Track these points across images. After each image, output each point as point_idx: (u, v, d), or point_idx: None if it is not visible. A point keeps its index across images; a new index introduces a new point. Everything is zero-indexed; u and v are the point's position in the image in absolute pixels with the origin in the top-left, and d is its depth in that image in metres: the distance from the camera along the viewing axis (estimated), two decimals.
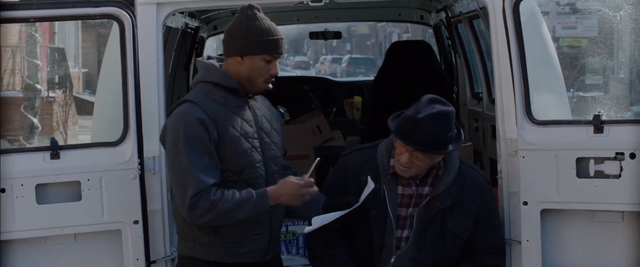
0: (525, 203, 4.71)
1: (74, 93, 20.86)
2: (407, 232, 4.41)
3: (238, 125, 4.11)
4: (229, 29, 4.15)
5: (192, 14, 6.82)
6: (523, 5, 4.70)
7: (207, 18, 7.80)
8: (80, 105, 20.23)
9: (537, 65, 4.82)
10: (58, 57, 20.17)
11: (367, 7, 8.29)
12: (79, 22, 21.79)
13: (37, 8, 4.68)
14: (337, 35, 10.31)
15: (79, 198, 4.66)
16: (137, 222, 4.68)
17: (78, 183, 4.66)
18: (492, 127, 6.28)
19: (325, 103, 9.31)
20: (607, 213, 4.66)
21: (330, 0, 4.91)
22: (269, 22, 4.14)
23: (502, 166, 4.78)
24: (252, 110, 4.21)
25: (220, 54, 4.28)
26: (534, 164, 4.69)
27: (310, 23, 9.44)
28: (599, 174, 4.62)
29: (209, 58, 4.25)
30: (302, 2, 4.91)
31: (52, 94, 18.38)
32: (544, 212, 4.73)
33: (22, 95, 16.66)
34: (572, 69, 20.33)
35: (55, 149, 4.67)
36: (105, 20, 4.85)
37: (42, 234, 4.67)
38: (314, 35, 10.16)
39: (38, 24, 16.72)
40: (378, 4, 8.11)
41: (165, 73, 5.11)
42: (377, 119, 6.84)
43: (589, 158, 4.63)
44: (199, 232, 4.14)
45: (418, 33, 37.31)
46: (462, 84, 7.69)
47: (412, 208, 4.41)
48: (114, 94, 4.76)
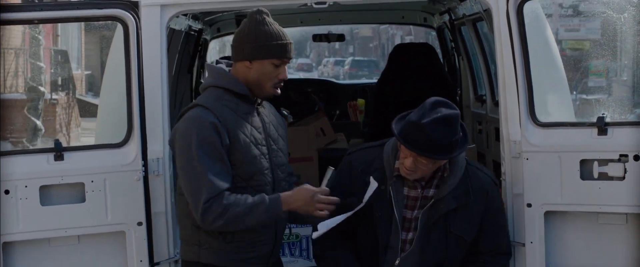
0: (529, 205, 4.71)
1: (77, 95, 20.89)
2: (412, 234, 4.39)
3: (248, 132, 4.09)
4: (238, 34, 4.14)
5: (195, 17, 6.82)
6: (527, 7, 4.70)
7: (210, 21, 7.81)
8: (83, 108, 20.23)
9: (540, 67, 4.81)
10: (61, 59, 20.18)
11: (370, 9, 8.28)
12: (82, 24, 21.86)
13: (40, 10, 4.69)
14: (340, 38, 10.29)
15: (83, 200, 4.67)
16: (140, 223, 4.69)
17: (82, 185, 4.66)
18: (495, 129, 6.28)
19: (329, 106, 9.32)
20: (611, 215, 4.65)
21: (334, 2, 4.91)
22: (278, 26, 4.13)
23: (505, 168, 4.77)
24: (260, 117, 4.20)
25: (227, 57, 4.27)
26: (538, 166, 4.69)
27: (314, 25, 9.44)
28: (603, 176, 4.61)
29: (218, 62, 4.24)
30: (306, 4, 4.91)
31: (55, 96, 18.39)
32: (548, 214, 4.72)
33: (25, 98, 16.69)
34: (575, 72, 20.30)
35: (59, 151, 4.67)
36: (109, 22, 4.87)
37: (46, 236, 4.68)
38: (317, 38, 10.15)
39: (41, 26, 16.74)
40: (381, 7, 8.11)
41: (169, 75, 5.11)
42: (380, 122, 6.83)
43: (593, 160, 4.63)
44: (207, 237, 4.12)
45: (421, 36, 37.27)
46: (465, 87, 7.70)
47: (417, 210, 4.38)
48: (118, 96, 4.77)
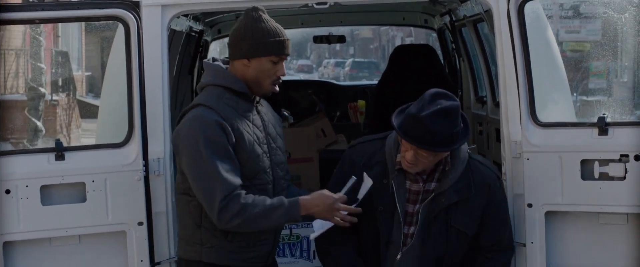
0: (530, 205, 4.71)
1: (78, 96, 20.91)
2: (413, 228, 4.37)
3: (251, 130, 4.08)
4: (235, 32, 4.12)
5: (196, 18, 6.83)
6: (528, 8, 4.70)
7: (211, 22, 7.81)
8: (84, 109, 20.25)
9: (541, 67, 4.82)
10: (62, 60, 20.20)
11: (371, 10, 8.29)
12: (83, 25, 21.89)
13: (42, 9, 4.69)
14: (341, 39, 10.29)
15: (84, 199, 4.67)
16: (141, 223, 4.68)
17: (83, 184, 4.66)
18: (496, 130, 6.28)
19: (329, 107, 9.32)
20: (611, 215, 4.65)
21: (335, 3, 4.91)
22: (275, 23, 4.12)
23: (506, 168, 4.77)
24: (260, 115, 4.19)
25: (226, 57, 4.24)
26: (539, 166, 4.69)
27: (314, 27, 9.44)
28: (604, 176, 4.61)
29: (214, 60, 4.21)
30: (307, 4, 4.91)
31: (55, 97, 18.40)
32: (549, 214, 4.72)
33: (25, 99, 16.70)
34: (575, 73, 20.32)
35: (60, 151, 4.67)
36: (110, 23, 4.87)
37: (46, 235, 4.68)
38: (318, 39, 10.16)
39: (42, 27, 16.75)
40: (382, 8, 8.11)
41: (170, 76, 5.12)
42: (380, 123, 6.83)
43: (594, 160, 4.63)
44: (209, 236, 4.10)
45: (422, 37, 37.27)
46: (466, 88, 7.70)
47: (419, 204, 4.36)
48: (119, 96, 4.77)
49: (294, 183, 6.70)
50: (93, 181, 4.66)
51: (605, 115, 4.64)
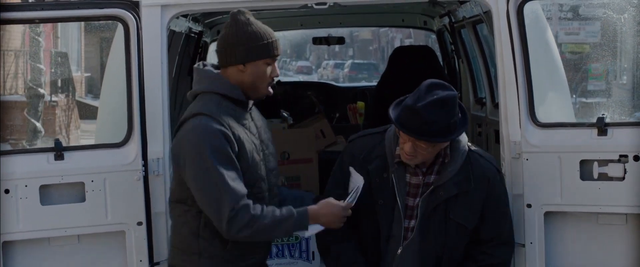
0: (529, 206, 4.71)
1: (77, 97, 20.90)
2: (414, 222, 4.35)
3: (249, 139, 4.05)
4: (226, 38, 4.04)
5: (196, 19, 6.83)
6: (527, 8, 4.70)
7: (210, 23, 7.82)
8: (83, 110, 20.25)
9: (540, 68, 4.82)
10: (61, 61, 20.20)
11: (370, 12, 8.29)
12: (82, 26, 21.88)
13: (41, 9, 4.70)
14: (340, 41, 10.31)
15: (83, 199, 4.67)
16: (140, 223, 4.69)
17: (82, 184, 4.67)
18: (495, 132, 6.28)
19: (328, 108, 9.32)
20: (610, 216, 4.65)
21: (334, 3, 4.91)
22: (262, 24, 4.07)
23: (505, 168, 4.76)
24: (253, 122, 4.14)
25: (213, 64, 4.16)
26: (538, 167, 4.69)
27: (314, 28, 9.45)
28: (603, 177, 4.62)
29: (204, 65, 4.14)
30: (306, 5, 4.91)
31: (55, 98, 18.40)
32: (548, 214, 4.73)
33: (25, 99, 16.71)
34: (575, 75, 20.32)
35: (60, 150, 4.68)
36: (110, 23, 4.88)
37: (45, 235, 4.68)
38: (317, 41, 10.17)
39: (41, 28, 16.75)
40: (381, 9, 8.12)
41: (169, 76, 5.12)
42: (380, 124, 6.82)
43: (593, 160, 4.63)
44: (207, 245, 4.04)
45: (421, 38, 37.27)
46: (465, 89, 7.70)
47: (419, 198, 4.34)
48: (118, 95, 4.78)
49: (294, 184, 6.74)
50: (92, 180, 4.66)
51: (605, 116, 4.64)
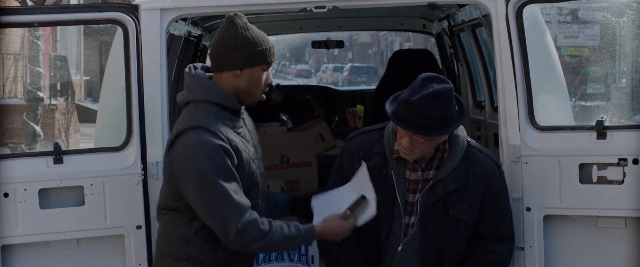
0: (528, 209, 4.71)
1: (76, 101, 20.90)
2: (414, 218, 4.33)
3: (246, 148, 4.03)
4: (223, 42, 3.97)
5: (195, 22, 6.82)
6: (526, 12, 4.70)
7: (209, 26, 7.81)
8: (82, 113, 20.26)
9: (539, 71, 4.82)
10: (60, 64, 20.21)
11: (369, 15, 8.29)
12: (82, 29, 21.90)
13: (41, 13, 4.70)
14: (339, 45, 10.31)
15: (82, 203, 4.67)
16: (139, 227, 4.68)
17: (81, 188, 4.66)
18: (494, 135, 6.28)
19: (327, 112, 9.31)
20: (610, 219, 4.65)
21: (334, 7, 4.91)
22: (258, 29, 4.04)
23: (505, 172, 4.75)
24: (246, 128, 4.12)
25: (203, 65, 4.11)
26: (537, 170, 4.69)
27: (313, 32, 9.44)
28: (602, 180, 4.61)
29: (195, 68, 4.07)
30: (305, 8, 4.91)
31: (54, 102, 18.41)
32: (547, 218, 4.72)
33: (24, 103, 16.71)
34: (574, 78, 20.33)
35: (59, 154, 4.68)
36: (109, 27, 4.87)
37: (45, 239, 4.68)
38: (316, 45, 10.16)
39: (40, 31, 16.76)
40: (380, 13, 8.11)
41: (169, 80, 5.12)
42: None
43: (592, 164, 4.63)
44: (198, 252, 4.02)
45: (420, 42, 37.34)
46: (464, 93, 7.69)
47: (418, 193, 4.33)
48: (118, 99, 4.78)
49: (293, 187, 6.73)
50: (91, 184, 4.66)
51: (604, 119, 4.64)
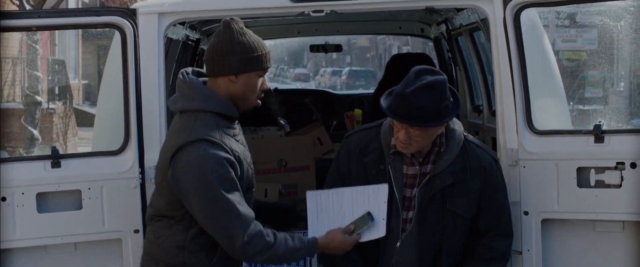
0: (526, 213, 4.70)
1: (74, 105, 20.89)
2: (412, 213, 4.32)
3: (244, 155, 4.03)
4: (218, 47, 3.95)
5: (193, 26, 6.82)
6: (524, 15, 4.71)
7: (208, 31, 7.80)
8: (80, 117, 20.24)
9: (537, 75, 4.83)
10: (58, 68, 20.20)
11: (367, 19, 8.29)
12: (80, 33, 21.89)
13: (39, 17, 4.71)
14: (337, 48, 10.31)
15: (80, 207, 4.67)
16: (137, 231, 4.68)
17: (79, 192, 4.66)
18: (492, 139, 6.28)
19: (326, 116, 9.31)
20: (607, 223, 4.65)
21: (331, 11, 4.91)
22: (254, 34, 4.02)
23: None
24: (241, 133, 4.11)
25: (194, 70, 4.08)
26: (535, 174, 4.69)
27: (311, 36, 9.45)
28: (600, 184, 4.61)
29: (187, 73, 4.03)
30: (303, 12, 4.91)
31: (52, 106, 18.40)
32: (545, 222, 4.72)
33: (22, 107, 16.69)
34: (572, 82, 20.35)
35: (56, 158, 4.68)
36: (107, 30, 4.88)
37: (42, 243, 4.68)
38: (315, 48, 10.15)
39: (38, 35, 16.76)
40: (378, 17, 8.12)
41: (167, 84, 5.12)
42: None
43: (590, 168, 4.63)
44: (193, 258, 4.02)
45: (418, 46, 37.34)
46: (462, 97, 7.69)
47: (416, 188, 4.32)
48: (115, 103, 4.78)
49: (291, 191, 6.74)
50: (89, 188, 4.66)
51: (601, 123, 4.65)
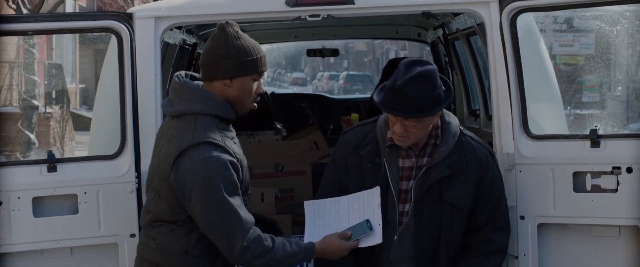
0: (522, 218, 4.70)
1: (71, 109, 20.88)
2: (408, 205, 4.33)
3: (243, 158, 4.04)
4: (213, 51, 3.96)
5: (190, 31, 6.82)
6: (520, 20, 4.71)
7: (204, 35, 7.80)
8: (78, 121, 20.23)
9: (534, 80, 4.83)
10: (55, 72, 20.19)
11: (364, 24, 8.29)
12: (77, 37, 21.88)
13: (35, 21, 4.70)
14: (334, 53, 10.33)
15: (76, 211, 4.66)
16: (133, 235, 4.66)
17: (75, 196, 4.66)
18: (489, 144, 6.28)
19: (322, 120, 9.31)
20: (604, 227, 4.64)
21: (328, 16, 4.91)
22: (250, 38, 4.03)
23: None
24: (236, 137, 4.11)
25: (187, 73, 4.08)
26: (531, 179, 4.69)
27: (308, 40, 9.45)
28: (596, 189, 4.61)
29: (181, 77, 4.04)
30: (299, 17, 4.91)
31: (49, 110, 18.39)
32: (541, 226, 4.72)
33: (19, 111, 16.69)
34: (569, 86, 20.36)
35: (53, 162, 4.67)
36: (104, 35, 4.87)
37: (38, 247, 4.67)
38: (312, 53, 10.17)
39: (35, 39, 16.76)
40: (375, 22, 8.12)
41: (163, 88, 5.12)
42: None
43: (586, 172, 4.63)
44: (196, 263, 4.02)
45: (416, 50, 37.40)
46: (459, 101, 7.70)
47: (412, 180, 4.33)
48: (112, 107, 4.77)
49: (287, 195, 6.73)
50: (85, 192, 4.65)
51: (597, 128, 4.65)
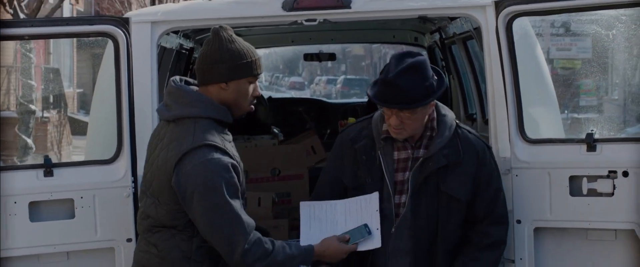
0: (519, 222, 4.70)
1: (69, 113, 20.87)
2: (405, 197, 4.33)
3: (240, 162, 4.05)
4: (208, 55, 3.98)
5: (186, 35, 6.83)
6: (516, 24, 4.71)
7: (201, 39, 7.80)
8: (75, 126, 20.22)
9: (530, 84, 4.83)
10: (53, 77, 20.18)
11: (361, 28, 8.30)
12: (74, 42, 21.88)
13: (32, 25, 4.70)
14: (331, 57, 10.33)
15: (72, 216, 4.66)
16: (130, 240, 4.66)
17: (71, 201, 4.65)
18: None
19: (320, 124, 9.32)
20: (600, 231, 4.65)
21: (325, 20, 4.92)
22: (244, 41, 4.05)
23: None
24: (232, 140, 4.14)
25: (181, 78, 4.09)
26: (527, 183, 4.69)
27: (305, 44, 9.45)
28: (592, 193, 4.61)
29: (176, 82, 4.04)
30: (296, 21, 4.91)
31: (46, 114, 18.38)
32: (537, 230, 4.72)
33: (16, 116, 16.67)
34: (566, 90, 20.39)
35: (49, 167, 4.67)
36: (100, 39, 4.87)
37: (35, 252, 4.66)
38: (309, 57, 10.17)
39: (32, 44, 16.76)
40: (372, 26, 8.13)
41: (160, 92, 5.12)
42: None
43: (582, 176, 4.63)
44: None
45: None
46: (455, 105, 7.70)
47: (409, 172, 4.33)
48: (108, 112, 4.77)
49: (284, 200, 6.75)
50: (82, 197, 4.65)
51: (594, 132, 4.65)
